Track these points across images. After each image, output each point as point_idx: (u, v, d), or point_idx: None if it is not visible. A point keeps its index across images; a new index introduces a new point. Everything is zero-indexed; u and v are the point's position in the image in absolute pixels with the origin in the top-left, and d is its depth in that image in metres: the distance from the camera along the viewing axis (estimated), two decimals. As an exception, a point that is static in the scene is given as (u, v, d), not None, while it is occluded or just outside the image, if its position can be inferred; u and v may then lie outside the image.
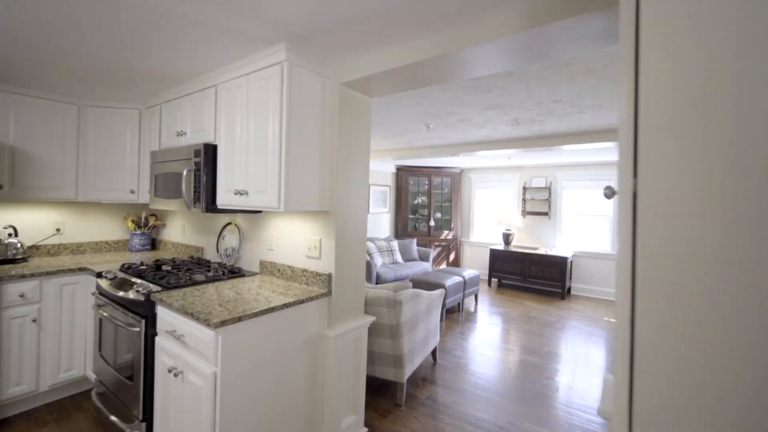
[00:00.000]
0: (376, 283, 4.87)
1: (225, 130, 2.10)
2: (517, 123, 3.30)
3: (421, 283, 4.55)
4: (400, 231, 7.03)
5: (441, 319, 4.42)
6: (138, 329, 1.88)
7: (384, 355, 2.57)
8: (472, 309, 5.03)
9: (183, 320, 1.71)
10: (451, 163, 6.66)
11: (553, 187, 6.34)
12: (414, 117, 3.28)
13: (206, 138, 2.22)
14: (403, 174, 7.08)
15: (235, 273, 2.34)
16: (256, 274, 2.41)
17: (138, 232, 3.20)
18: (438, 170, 7.10)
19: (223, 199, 2.12)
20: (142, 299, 1.88)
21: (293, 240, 2.27)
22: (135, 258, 2.91)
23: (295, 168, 1.84)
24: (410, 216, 7.18)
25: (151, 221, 3.30)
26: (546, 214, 6.31)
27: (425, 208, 7.19)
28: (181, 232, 3.15)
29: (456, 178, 7.19)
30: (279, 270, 2.32)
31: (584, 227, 6.10)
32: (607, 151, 4.69)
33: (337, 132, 2.02)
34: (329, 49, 1.74)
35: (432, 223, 7.02)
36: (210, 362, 1.57)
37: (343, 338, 2.03)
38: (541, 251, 5.96)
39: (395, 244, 5.94)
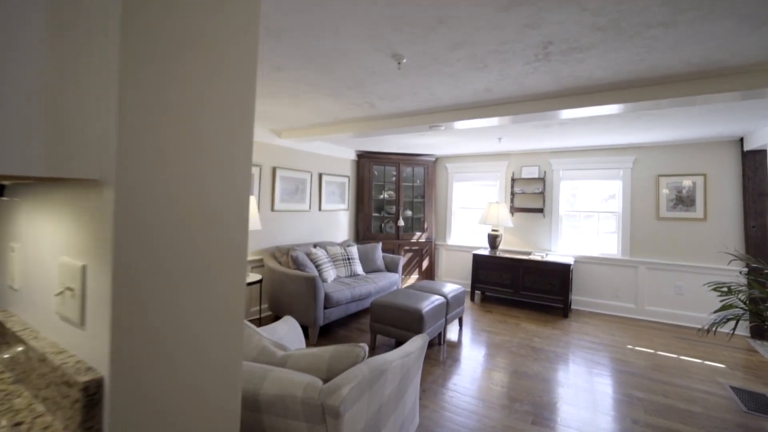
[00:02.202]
0: (325, 309, 3.45)
1: None
2: (546, 56, 2.01)
3: (388, 310, 3.18)
4: (362, 233, 5.64)
5: (416, 361, 3.07)
6: None
7: None
8: (455, 337, 3.73)
9: None
10: (425, 149, 5.36)
11: (547, 178, 5.20)
12: (376, 41, 1.90)
13: None
14: (365, 162, 5.70)
15: None
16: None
17: None
18: (408, 158, 5.78)
19: None
20: None
21: (43, 266, 0.83)
22: None
23: None
24: (375, 214, 5.81)
25: None
26: (540, 210, 5.16)
27: (393, 204, 5.85)
28: None
29: (430, 168, 5.90)
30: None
31: (586, 227, 5.01)
32: (617, 129, 3.58)
33: None
34: None
35: (401, 223, 5.69)
36: None
37: None
38: (536, 257, 4.79)
39: (354, 250, 4.54)
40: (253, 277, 3.48)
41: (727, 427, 2.28)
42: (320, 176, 5.06)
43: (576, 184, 5.05)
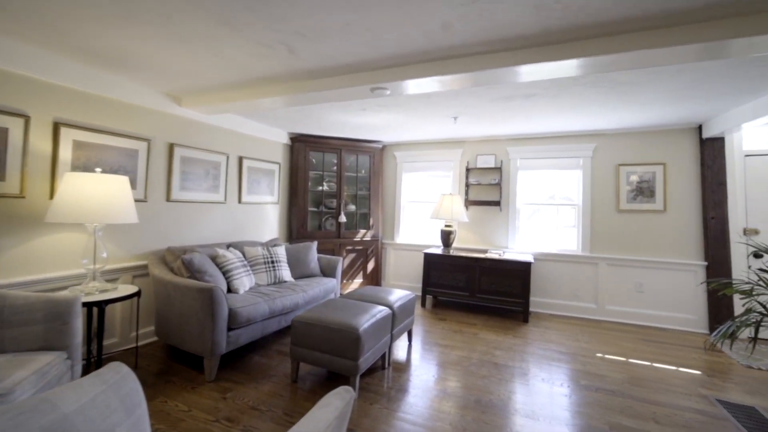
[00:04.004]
0: (232, 330, 2.54)
1: None
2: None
3: (314, 329, 2.36)
4: (296, 231, 4.75)
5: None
6: None
7: None
8: (403, 356, 3.02)
9: None
10: (370, 132, 4.62)
11: (504, 168, 4.71)
12: None
13: None
14: (300, 147, 4.81)
15: None
16: None
17: None
18: (352, 144, 5.00)
19: None
20: None
21: None
22: None
23: None
24: (312, 209, 4.94)
25: None
26: (497, 203, 4.65)
27: (334, 197, 5.04)
28: None
29: (376, 156, 5.18)
30: None
31: (545, 221, 4.59)
32: (579, 107, 3.13)
33: None
34: None
35: (343, 219, 4.89)
36: None
37: None
38: (494, 255, 4.26)
39: (281, 251, 3.65)
40: (125, 289, 2.48)
41: (740, 465, 1.80)
42: (240, 160, 4.09)
43: (534, 174, 4.62)
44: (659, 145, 4.04)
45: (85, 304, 2.18)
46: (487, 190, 4.77)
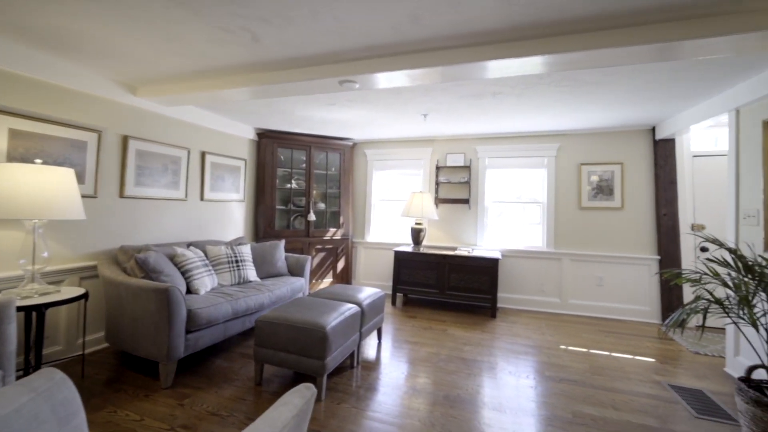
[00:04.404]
0: (191, 333, 2.40)
1: None
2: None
3: (279, 328, 2.27)
4: (263, 230, 4.59)
5: (319, 399, 2.22)
6: None
7: None
8: (373, 354, 2.98)
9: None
10: (340, 129, 4.56)
11: (473, 167, 4.79)
12: None
13: None
14: (267, 144, 4.66)
15: None
16: None
17: None
18: (322, 141, 4.90)
19: None
20: None
21: None
22: None
23: None
24: (280, 207, 4.80)
25: None
26: (466, 201, 4.71)
27: (303, 196, 4.92)
28: None
29: (347, 154, 5.11)
30: None
31: (512, 218, 4.70)
32: (544, 108, 3.24)
33: None
34: None
35: (312, 217, 4.78)
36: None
37: None
38: (463, 252, 4.31)
39: (247, 250, 3.51)
40: (70, 291, 2.28)
41: (690, 445, 1.90)
42: (203, 155, 3.90)
43: (502, 172, 4.72)
44: (618, 146, 4.24)
45: (21, 309, 1.97)
46: (456, 188, 4.83)
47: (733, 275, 1.94)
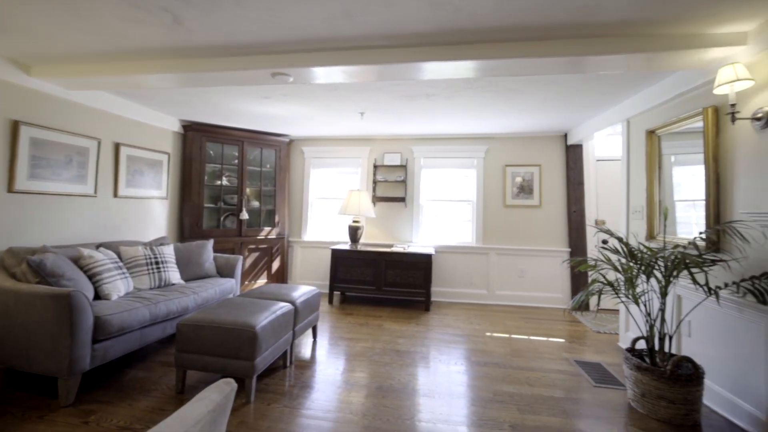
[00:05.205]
0: (99, 342, 2.15)
1: None
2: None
3: (204, 331, 2.14)
4: (189, 229, 4.28)
5: (249, 401, 2.13)
6: None
7: None
8: (307, 353, 2.94)
9: None
10: (276, 125, 4.41)
11: (409, 166, 4.95)
12: None
13: None
14: (194, 137, 4.35)
15: None
16: None
17: None
18: (256, 137, 4.70)
19: None
20: None
21: None
22: None
23: None
24: (209, 206, 4.51)
25: None
26: (402, 200, 4.86)
27: (234, 193, 4.67)
28: None
29: (283, 150, 4.96)
30: None
31: (445, 216, 4.94)
32: (474, 111, 3.50)
33: None
34: None
35: (245, 216, 4.56)
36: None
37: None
38: (399, 249, 4.44)
39: (169, 251, 3.24)
40: (-63, 302, 1.91)
41: (587, 407, 2.17)
42: (117, 147, 3.52)
43: (436, 172, 4.95)
44: (537, 149, 4.69)
45: None
46: (393, 186, 4.95)
47: (622, 261, 2.26)
